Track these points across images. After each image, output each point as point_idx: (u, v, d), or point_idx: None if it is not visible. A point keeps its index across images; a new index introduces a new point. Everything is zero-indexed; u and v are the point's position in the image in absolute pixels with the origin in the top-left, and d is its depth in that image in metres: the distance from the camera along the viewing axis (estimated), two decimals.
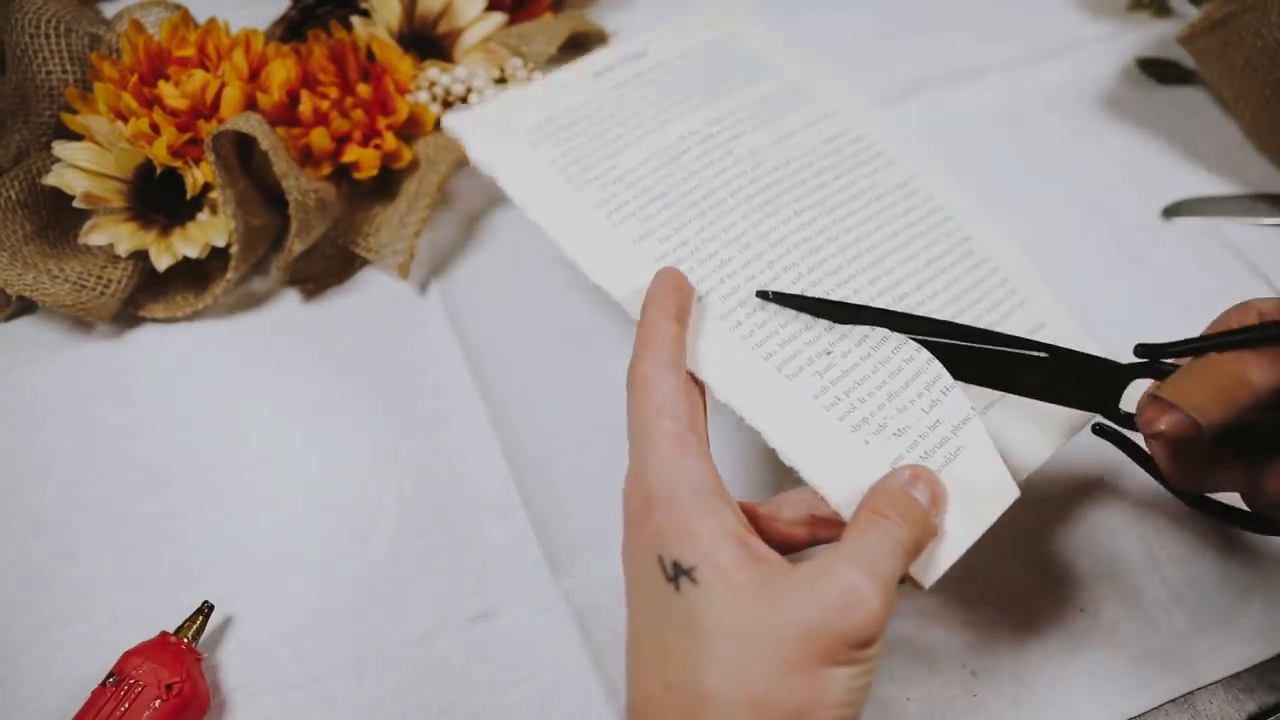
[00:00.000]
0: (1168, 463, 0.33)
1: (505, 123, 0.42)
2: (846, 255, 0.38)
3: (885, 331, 0.34)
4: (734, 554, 0.26)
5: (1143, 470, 0.36)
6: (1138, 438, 0.34)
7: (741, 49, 0.47)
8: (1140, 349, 0.31)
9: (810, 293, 0.36)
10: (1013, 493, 0.32)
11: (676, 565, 0.26)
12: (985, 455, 0.33)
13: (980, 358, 0.31)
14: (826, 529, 0.31)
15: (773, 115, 0.43)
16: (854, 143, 0.43)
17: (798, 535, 0.31)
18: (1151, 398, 0.30)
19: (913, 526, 0.28)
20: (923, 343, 0.32)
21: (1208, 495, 0.35)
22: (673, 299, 0.32)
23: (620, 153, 0.41)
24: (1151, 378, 0.32)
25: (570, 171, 0.40)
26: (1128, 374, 0.32)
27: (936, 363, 0.33)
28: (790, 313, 0.34)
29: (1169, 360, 0.32)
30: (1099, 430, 0.34)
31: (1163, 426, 0.29)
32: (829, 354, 0.34)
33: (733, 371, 0.33)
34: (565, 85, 0.43)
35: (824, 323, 0.34)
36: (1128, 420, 0.32)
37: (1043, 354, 0.30)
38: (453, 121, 0.42)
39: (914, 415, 0.33)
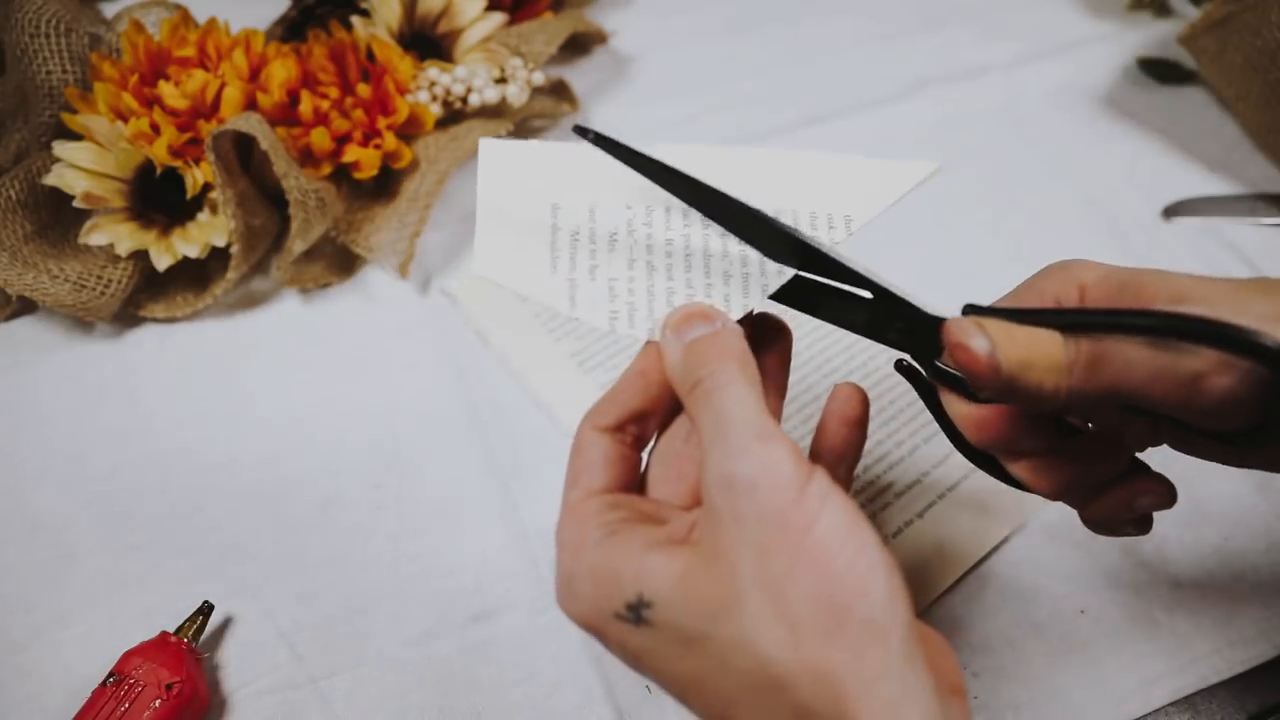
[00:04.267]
0: (966, 411, 0.30)
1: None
2: None
3: None
4: (661, 555, 0.24)
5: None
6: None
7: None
8: (967, 308, 0.29)
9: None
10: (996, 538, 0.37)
11: (629, 606, 0.24)
12: None
13: (816, 291, 0.29)
14: None
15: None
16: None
17: None
18: (971, 320, 0.27)
19: (719, 356, 0.26)
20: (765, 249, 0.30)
21: (991, 454, 0.32)
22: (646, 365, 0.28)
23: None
24: None
25: (551, 324, 0.47)
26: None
27: None
28: None
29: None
30: (899, 367, 0.31)
31: (973, 344, 0.26)
32: None
33: None
34: None
35: None
36: (940, 376, 0.30)
37: (868, 294, 0.29)
38: (453, 284, 0.48)
39: None
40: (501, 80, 0.53)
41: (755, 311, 0.29)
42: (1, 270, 0.45)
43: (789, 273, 0.29)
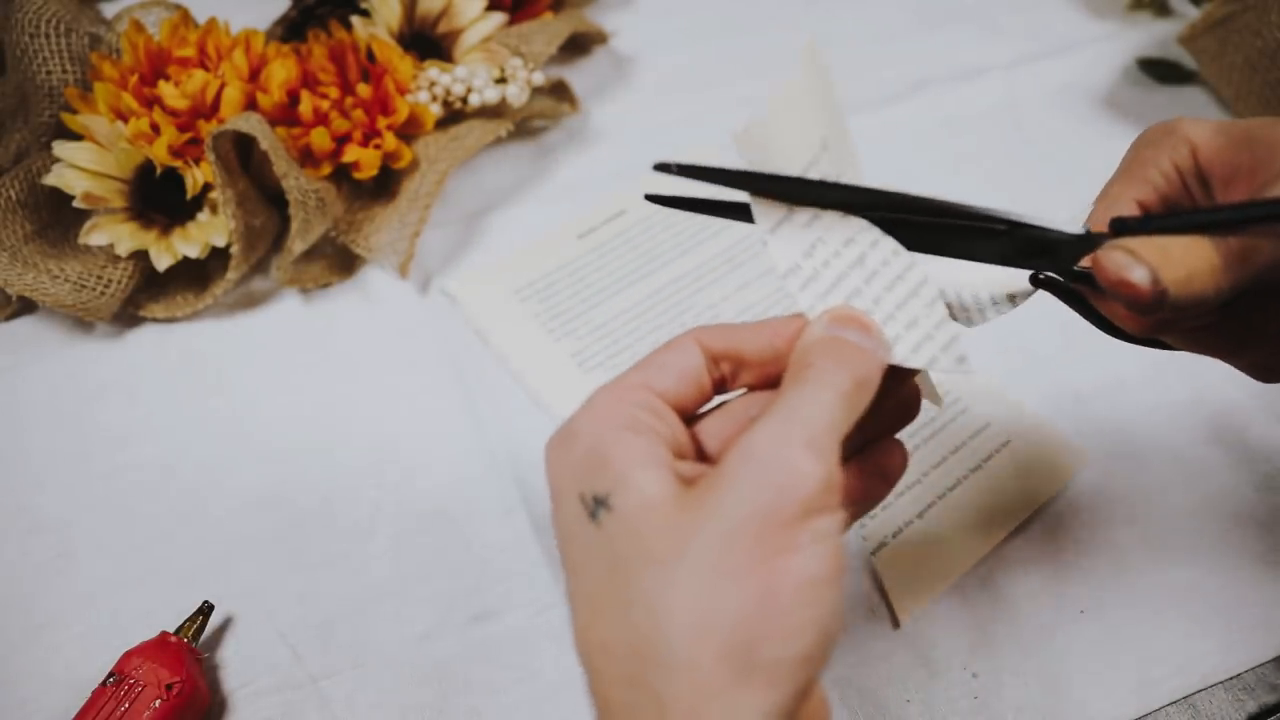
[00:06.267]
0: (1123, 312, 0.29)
1: (499, 281, 0.49)
2: None
3: None
4: (653, 475, 0.23)
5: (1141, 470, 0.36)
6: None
7: (712, 195, 0.50)
8: (1116, 222, 0.27)
9: None
10: (995, 539, 0.38)
11: (595, 498, 0.23)
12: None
13: (939, 231, 0.28)
14: None
15: (731, 267, 0.49)
16: None
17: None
18: (1120, 249, 0.26)
19: (847, 366, 0.24)
20: (879, 220, 0.28)
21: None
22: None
23: (595, 308, 0.48)
24: None
25: (551, 325, 0.47)
26: (1089, 244, 0.28)
27: None
28: None
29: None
30: (1036, 280, 0.30)
31: (1134, 277, 0.25)
32: None
33: None
34: (552, 247, 0.50)
35: None
36: (1082, 279, 0.29)
37: (1001, 226, 0.28)
38: (450, 283, 0.49)
39: None
40: (501, 80, 0.52)
41: (915, 372, 0.27)
42: (1, 270, 0.45)
43: (970, 368, 0.27)
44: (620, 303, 0.48)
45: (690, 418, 0.27)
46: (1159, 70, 0.58)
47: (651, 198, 0.29)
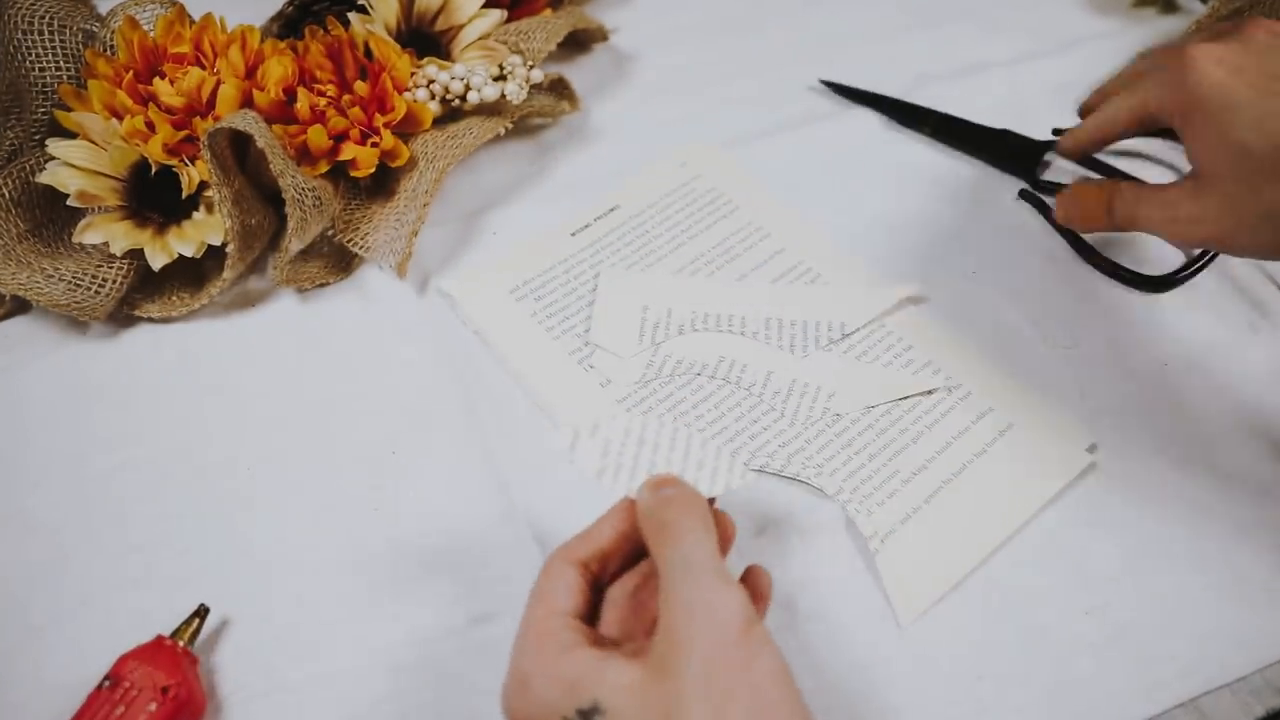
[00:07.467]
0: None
1: (494, 280, 0.49)
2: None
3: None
4: (617, 667, 0.27)
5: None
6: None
7: (704, 189, 0.53)
8: (1055, 130, 0.49)
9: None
10: (999, 538, 0.39)
11: (580, 712, 0.27)
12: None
13: (970, 136, 0.52)
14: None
15: (727, 259, 0.50)
16: (804, 275, 0.49)
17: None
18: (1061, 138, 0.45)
19: (688, 508, 0.30)
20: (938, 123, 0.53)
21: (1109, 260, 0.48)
22: (627, 517, 0.33)
23: (591, 305, 0.47)
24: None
25: (549, 323, 0.47)
26: (1045, 147, 0.46)
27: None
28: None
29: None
30: (1024, 195, 0.49)
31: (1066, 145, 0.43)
32: None
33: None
34: (546, 245, 0.50)
35: None
36: (1045, 190, 0.50)
37: (999, 131, 0.51)
38: (446, 283, 0.49)
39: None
40: (500, 78, 0.52)
41: (713, 501, 0.33)
42: None
43: (753, 480, 0.34)
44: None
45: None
46: None
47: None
